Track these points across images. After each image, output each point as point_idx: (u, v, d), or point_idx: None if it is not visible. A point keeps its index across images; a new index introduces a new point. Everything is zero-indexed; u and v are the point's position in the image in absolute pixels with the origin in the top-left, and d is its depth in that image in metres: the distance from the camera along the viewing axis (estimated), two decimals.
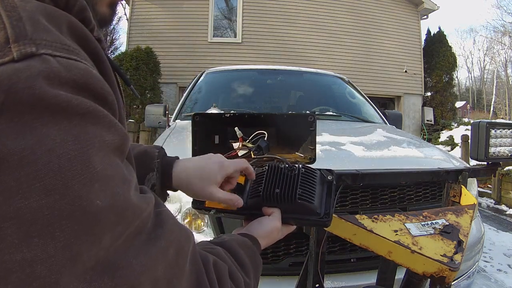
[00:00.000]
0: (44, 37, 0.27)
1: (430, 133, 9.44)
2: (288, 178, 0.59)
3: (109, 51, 16.41)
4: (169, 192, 0.60)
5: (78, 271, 0.25)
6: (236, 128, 0.70)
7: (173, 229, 0.34)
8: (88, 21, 0.34)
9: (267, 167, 0.63)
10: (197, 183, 0.54)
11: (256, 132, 0.70)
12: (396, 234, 0.75)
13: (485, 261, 2.96)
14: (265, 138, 0.70)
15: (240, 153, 0.70)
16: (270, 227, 0.56)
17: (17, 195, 0.23)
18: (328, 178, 0.62)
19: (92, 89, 0.28)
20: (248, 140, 0.70)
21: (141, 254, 0.29)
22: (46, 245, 0.23)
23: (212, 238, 0.54)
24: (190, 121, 0.72)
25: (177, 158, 0.59)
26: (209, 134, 0.75)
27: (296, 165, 0.62)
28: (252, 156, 0.69)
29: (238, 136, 0.70)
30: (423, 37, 10.09)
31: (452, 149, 8.06)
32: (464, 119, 10.76)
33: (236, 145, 0.71)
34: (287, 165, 0.62)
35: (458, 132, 8.16)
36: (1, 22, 0.26)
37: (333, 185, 0.61)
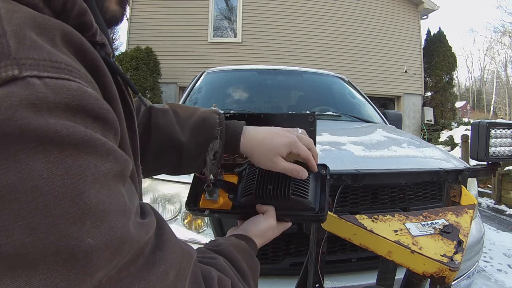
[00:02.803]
0: (30, 55, 0.24)
1: (430, 133, 9.45)
2: (281, 174, 0.58)
3: None
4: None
5: None
6: None
7: (174, 250, 0.32)
8: (89, 26, 0.32)
9: None
10: (264, 153, 0.54)
11: None
12: (396, 234, 0.75)
13: (485, 261, 2.96)
14: None
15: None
16: (265, 226, 0.55)
17: None
18: (322, 172, 0.62)
19: (88, 110, 0.26)
20: None
21: (136, 281, 0.28)
22: (30, 277, 0.23)
23: (207, 241, 0.52)
24: None
25: (243, 124, 0.57)
26: None
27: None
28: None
29: None
30: (423, 37, 10.11)
31: (452, 149, 8.06)
32: (464, 119, 10.76)
33: None
34: None
35: (458, 132, 8.17)
36: None
37: (327, 179, 0.61)
